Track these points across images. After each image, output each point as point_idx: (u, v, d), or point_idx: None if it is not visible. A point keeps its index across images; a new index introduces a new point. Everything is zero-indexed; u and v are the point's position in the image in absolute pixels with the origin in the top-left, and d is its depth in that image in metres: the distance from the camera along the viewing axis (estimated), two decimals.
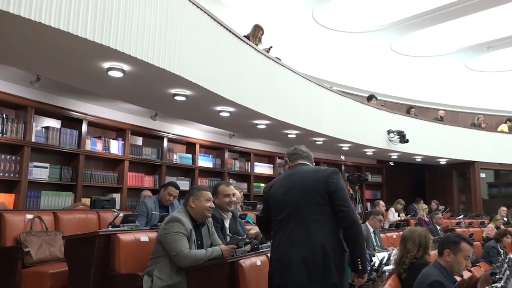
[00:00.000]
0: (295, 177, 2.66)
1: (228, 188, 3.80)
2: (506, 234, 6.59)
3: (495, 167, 11.37)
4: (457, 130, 10.74)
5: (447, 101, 12.93)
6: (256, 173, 9.12)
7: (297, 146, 2.89)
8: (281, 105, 6.35)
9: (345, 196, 2.49)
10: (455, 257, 2.82)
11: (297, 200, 2.53)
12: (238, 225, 4.13)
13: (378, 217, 5.62)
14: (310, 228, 2.44)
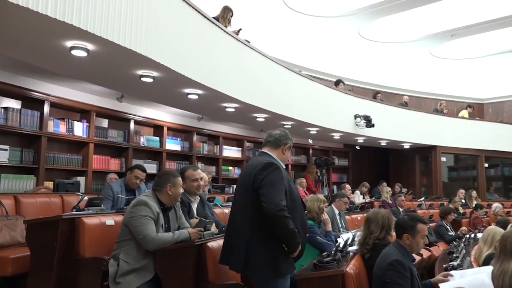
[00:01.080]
0: (244, 169, 2.97)
1: (195, 172, 3.78)
2: (450, 212, 6.95)
3: (455, 151, 11.81)
4: (421, 115, 11.05)
5: (412, 87, 13.26)
6: (224, 157, 9.12)
7: (269, 131, 2.99)
8: (250, 89, 6.33)
9: (267, 191, 2.59)
10: (413, 239, 2.93)
11: (237, 193, 2.92)
12: (207, 209, 4.14)
13: (343, 199, 5.76)
14: (237, 220, 2.77)
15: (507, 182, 13.03)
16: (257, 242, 2.61)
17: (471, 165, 12.34)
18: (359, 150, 11.24)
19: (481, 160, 11.94)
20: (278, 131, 2.94)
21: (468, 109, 12.89)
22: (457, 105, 13.66)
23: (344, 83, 10.14)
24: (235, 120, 8.17)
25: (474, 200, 9.79)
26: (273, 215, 2.54)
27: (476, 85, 14.08)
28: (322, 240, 3.87)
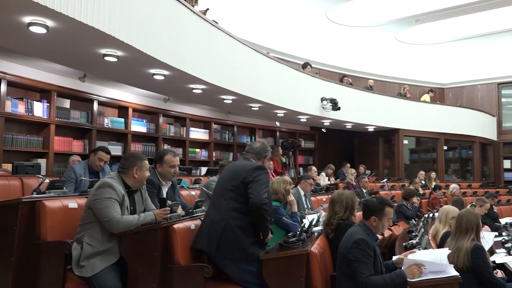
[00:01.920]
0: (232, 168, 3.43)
1: (175, 158, 3.74)
2: (414, 195, 7.23)
3: (416, 134, 12.20)
4: (385, 99, 11.30)
5: (377, 71, 13.51)
6: (191, 139, 9.05)
7: (250, 144, 3.44)
8: (217, 70, 6.27)
9: (257, 187, 3.05)
10: (380, 222, 3.03)
11: (222, 185, 3.26)
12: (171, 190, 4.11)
13: (309, 181, 5.86)
14: (219, 209, 3.16)
15: (464, 164, 13.63)
16: (235, 228, 3.03)
17: (431, 148, 12.79)
18: (325, 132, 11.41)
19: (440, 143, 12.41)
20: (258, 144, 3.36)
21: (430, 93, 13.29)
22: (419, 90, 14.05)
23: (311, 66, 10.20)
24: (202, 102, 8.10)
25: (433, 181, 10.19)
26: (258, 206, 3.00)
27: (437, 70, 14.53)
28: (288, 221, 3.93)
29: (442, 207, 4.77)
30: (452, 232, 3.72)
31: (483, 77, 14.04)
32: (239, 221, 3.06)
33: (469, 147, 13.18)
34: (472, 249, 3.35)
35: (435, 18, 11.17)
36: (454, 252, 3.41)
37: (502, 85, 13.92)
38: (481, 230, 3.69)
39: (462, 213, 3.68)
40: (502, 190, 11.48)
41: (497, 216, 7.56)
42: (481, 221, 3.69)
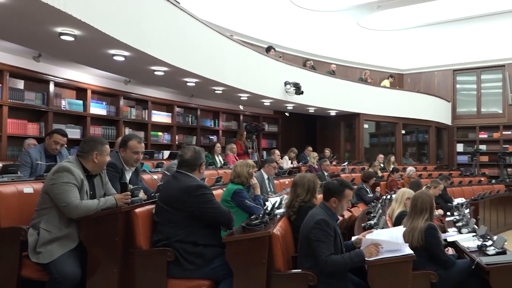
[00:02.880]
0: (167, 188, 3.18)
1: (139, 145, 3.64)
2: (372, 176, 7.48)
3: (376, 119, 12.53)
4: (347, 84, 11.49)
5: (339, 56, 13.68)
6: (153, 122, 8.89)
7: (180, 153, 3.22)
8: (180, 52, 6.15)
9: (215, 210, 3.01)
10: (340, 203, 3.12)
11: (162, 209, 3.07)
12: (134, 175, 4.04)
13: (272, 164, 5.90)
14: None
15: (421, 147, 14.17)
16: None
17: (390, 132, 13.20)
18: (288, 116, 11.50)
19: (399, 127, 12.81)
20: (189, 154, 3.11)
21: (389, 79, 13.64)
22: (380, 75, 14.38)
23: (275, 49, 10.20)
24: (165, 84, 7.95)
25: (391, 164, 10.54)
26: (229, 225, 3.09)
27: (397, 56, 14.89)
28: (251, 204, 3.97)
29: (400, 189, 4.96)
30: (408, 213, 3.88)
31: (439, 64, 14.54)
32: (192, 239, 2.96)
33: (425, 131, 13.69)
34: (426, 229, 3.51)
35: (396, 5, 11.40)
36: (409, 231, 3.57)
37: (457, 71, 14.48)
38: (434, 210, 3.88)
39: (417, 194, 3.84)
40: (455, 173, 12.07)
41: (450, 197, 7.95)
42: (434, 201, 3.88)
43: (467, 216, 5.25)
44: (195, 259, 2.89)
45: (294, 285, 2.89)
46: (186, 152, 3.14)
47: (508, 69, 13.48)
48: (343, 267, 2.88)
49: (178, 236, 2.90)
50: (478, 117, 14.06)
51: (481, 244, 3.61)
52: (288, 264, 3.11)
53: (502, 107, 13.66)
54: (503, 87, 13.64)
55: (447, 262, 3.46)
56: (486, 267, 3.16)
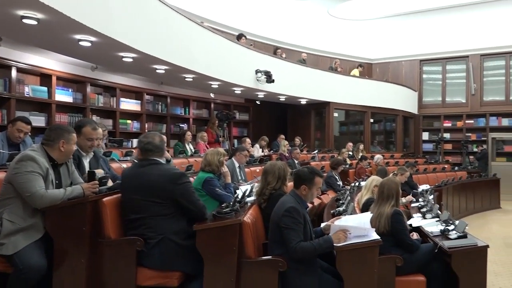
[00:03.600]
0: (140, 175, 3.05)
1: (94, 132, 3.51)
2: (341, 164, 7.62)
3: (346, 107, 12.71)
4: (317, 72, 11.59)
5: (310, 45, 13.75)
6: (122, 109, 8.70)
7: (145, 139, 3.08)
8: (149, 38, 6.02)
9: (192, 200, 3.01)
10: (310, 191, 3.16)
11: (137, 198, 3.01)
12: (102, 163, 3.95)
13: (243, 152, 5.92)
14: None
15: (388, 136, 14.51)
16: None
17: (359, 120, 13.43)
18: (259, 105, 11.51)
19: (367, 116, 13.06)
20: (157, 138, 3.07)
21: (359, 68, 13.84)
22: (349, 64, 14.56)
23: (246, 37, 10.14)
24: (133, 71, 7.79)
25: (360, 152, 10.76)
26: (203, 218, 3.02)
27: (366, 46, 15.11)
28: (221, 192, 3.97)
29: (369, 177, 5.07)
30: (375, 199, 3.99)
31: (407, 54, 14.86)
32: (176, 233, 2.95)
33: (393, 120, 14.02)
34: (392, 214, 3.62)
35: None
36: (376, 217, 3.67)
37: (423, 62, 14.84)
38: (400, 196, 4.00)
39: (384, 181, 3.94)
40: (421, 160, 12.45)
41: (416, 184, 8.20)
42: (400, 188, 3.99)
43: (431, 202, 5.43)
44: (189, 253, 2.88)
45: (265, 271, 2.93)
46: (154, 137, 3.08)
47: (471, 60, 13.93)
48: (313, 253, 2.94)
49: (172, 228, 2.90)
50: (443, 107, 14.50)
51: (443, 228, 3.74)
52: (258, 251, 3.14)
53: (466, 97, 14.14)
54: (466, 78, 14.09)
55: (411, 246, 3.58)
56: (448, 251, 3.29)
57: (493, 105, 13.69)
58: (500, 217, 9.61)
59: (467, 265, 3.27)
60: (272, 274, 2.90)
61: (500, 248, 6.49)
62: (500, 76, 13.73)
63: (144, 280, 2.89)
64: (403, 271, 3.38)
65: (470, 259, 3.29)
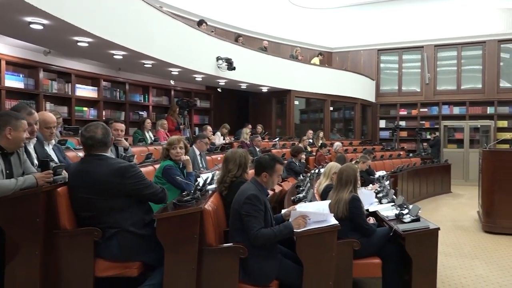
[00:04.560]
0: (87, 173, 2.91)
1: (30, 117, 3.18)
2: (301, 151, 7.75)
3: (306, 95, 12.88)
4: (278, 60, 11.63)
5: (271, 33, 13.75)
6: (78, 96, 8.40)
7: (88, 133, 2.91)
8: (106, 23, 5.82)
9: (148, 189, 2.96)
10: (270, 178, 3.19)
11: (87, 195, 2.91)
12: (57, 152, 3.81)
13: (204, 140, 5.88)
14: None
15: (347, 123, 14.86)
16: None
17: (319, 108, 13.65)
18: (220, 92, 11.44)
19: (327, 104, 13.29)
20: (99, 131, 2.91)
21: (319, 56, 14.01)
22: (310, 52, 14.70)
23: (206, 24, 10.00)
24: (90, 57, 7.52)
25: (320, 140, 10.95)
26: (164, 200, 3.05)
27: (327, 35, 15.29)
28: (182, 180, 3.92)
29: (329, 164, 5.17)
30: (334, 185, 4.08)
31: (365, 43, 15.18)
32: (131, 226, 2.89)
33: (352, 108, 14.34)
34: (350, 200, 3.73)
35: None
36: (335, 203, 3.77)
37: (381, 51, 15.22)
38: (358, 182, 4.12)
39: (342, 168, 4.04)
40: (378, 147, 12.85)
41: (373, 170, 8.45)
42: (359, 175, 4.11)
43: (387, 188, 5.63)
44: (148, 242, 2.85)
45: (226, 258, 2.94)
46: (95, 130, 2.91)
47: (426, 51, 14.43)
48: (273, 239, 2.98)
49: (128, 221, 2.84)
50: (399, 95, 14.98)
51: (398, 213, 3.90)
52: (219, 238, 3.14)
53: (420, 86, 14.67)
54: (421, 67, 14.60)
55: (368, 230, 3.70)
56: (402, 234, 3.43)
57: (446, 94, 14.29)
58: (451, 201, 10.11)
59: (420, 247, 3.42)
60: (233, 261, 2.92)
61: (450, 230, 6.84)
62: (452, 66, 14.32)
63: (102, 271, 2.84)
64: (360, 254, 3.50)
65: (422, 241, 3.44)
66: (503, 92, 13.55)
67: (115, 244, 2.81)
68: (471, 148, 13.07)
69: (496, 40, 13.55)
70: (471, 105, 13.77)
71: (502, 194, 6.56)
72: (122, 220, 2.84)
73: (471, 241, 6.19)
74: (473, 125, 13.49)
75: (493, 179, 6.73)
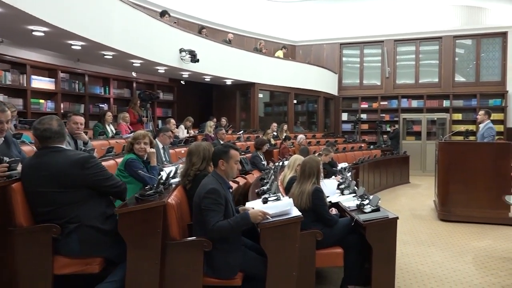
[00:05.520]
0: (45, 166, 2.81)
1: (1, 114, 3.15)
2: (265, 143, 7.82)
3: (270, 88, 12.94)
4: (242, 53, 11.60)
5: (235, 25, 13.68)
6: (34, 88, 8.06)
7: (42, 126, 2.83)
8: (63, 11, 5.60)
9: (108, 179, 2.93)
10: (228, 165, 3.17)
11: (44, 187, 2.82)
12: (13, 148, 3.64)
13: (167, 133, 5.80)
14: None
15: (310, 116, 15.06)
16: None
17: (283, 101, 13.76)
18: (184, 85, 11.30)
19: (291, 97, 13.41)
20: (55, 123, 2.84)
21: (283, 50, 14.08)
22: (274, 46, 14.75)
23: (169, 15, 9.82)
24: (46, 47, 7.23)
25: (284, 133, 11.05)
26: (123, 194, 3.01)
27: (290, 28, 15.40)
28: (144, 174, 3.86)
29: (292, 156, 5.23)
30: (297, 177, 4.13)
31: (328, 37, 15.40)
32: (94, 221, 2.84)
33: (315, 101, 14.55)
34: (312, 192, 3.79)
35: None
36: (298, 194, 3.82)
37: (343, 45, 15.49)
38: (321, 174, 4.19)
39: (305, 160, 4.10)
40: (340, 140, 13.12)
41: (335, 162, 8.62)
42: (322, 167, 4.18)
43: (349, 179, 5.75)
44: (110, 237, 2.80)
45: (190, 252, 2.93)
46: (50, 122, 2.83)
47: (386, 45, 14.81)
48: (230, 232, 2.94)
49: (89, 214, 2.77)
50: (360, 88, 15.32)
51: (359, 203, 4.00)
52: (183, 232, 3.12)
53: (381, 79, 15.06)
54: (381, 62, 14.98)
55: (330, 221, 3.79)
56: (363, 224, 3.53)
57: (405, 88, 14.75)
58: (409, 191, 10.48)
59: (379, 235, 3.53)
60: (197, 255, 2.91)
61: (408, 219, 7.10)
62: (411, 61, 14.78)
63: (61, 268, 2.76)
64: (323, 244, 3.58)
65: (382, 231, 3.55)
66: (458, 86, 14.13)
67: (75, 240, 2.73)
68: (428, 140, 13.57)
69: (451, 36, 14.09)
70: (428, 98, 14.28)
71: (456, 184, 6.88)
72: (82, 214, 2.76)
73: (428, 229, 6.46)
74: (430, 118, 14.00)
75: (448, 169, 7.03)
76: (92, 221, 2.78)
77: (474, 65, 14.01)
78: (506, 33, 13.47)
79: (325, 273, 4.37)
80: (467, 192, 6.77)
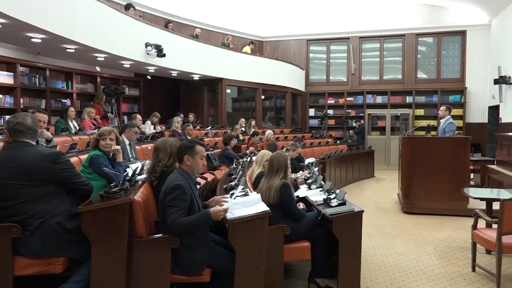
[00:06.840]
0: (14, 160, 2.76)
1: None
2: (232, 138, 7.83)
3: (238, 84, 12.92)
4: (210, 48, 11.51)
5: (203, 20, 13.55)
6: None
7: (15, 120, 2.81)
8: (22, 2, 5.38)
9: (77, 177, 2.94)
10: (193, 160, 3.14)
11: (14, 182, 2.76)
12: None
13: (133, 129, 5.68)
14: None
15: (278, 112, 15.14)
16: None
17: (251, 97, 13.77)
18: (150, 79, 11.10)
19: (259, 93, 13.44)
20: (29, 119, 2.83)
21: (250, 45, 14.08)
22: (241, 41, 14.72)
23: (134, 8, 9.62)
24: (3, 40, 6.93)
25: (252, 128, 11.07)
26: (90, 192, 3.00)
27: (258, 24, 15.40)
28: (109, 171, 3.77)
29: (260, 151, 5.25)
30: (265, 173, 4.15)
31: (295, 33, 15.51)
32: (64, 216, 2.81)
33: (283, 96, 14.63)
34: (280, 187, 3.82)
35: None
36: (267, 190, 3.84)
37: (310, 41, 15.64)
38: (289, 169, 4.22)
39: (273, 155, 4.12)
40: (307, 135, 13.27)
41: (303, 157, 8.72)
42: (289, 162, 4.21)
43: (316, 174, 5.83)
44: (73, 236, 2.74)
45: (157, 249, 2.89)
46: (25, 118, 2.82)
47: (352, 42, 15.07)
48: (189, 228, 2.89)
49: (53, 210, 2.72)
50: (327, 84, 15.53)
51: (326, 197, 4.06)
52: (150, 229, 3.08)
53: (347, 76, 15.31)
54: (347, 58, 15.23)
55: (298, 215, 3.83)
56: (329, 217, 3.59)
57: (370, 84, 15.07)
58: (374, 184, 10.75)
59: (346, 229, 3.60)
60: (165, 252, 2.88)
61: (373, 212, 7.29)
62: (375, 58, 15.11)
63: (22, 269, 2.67)
64: (291, 238, 3.62)
65: (348, 224, 3.62)
66: (420, 83, 14.57)
67: (37, 239, 2.65)
68: (392, 135, 13.94)
69: (414, 34, 14.49)
70: (392, 94, 14.65)
71: (419, 177, 7.11)
72: (46, 210, 2.69)
73: (392, 221, 6.65)
74: (394, 113, 14.38)
75: (411, 163, 7.26)
76: (56, 218, 2.71)
77: (435, 62, 14.48)
78: (465, 31, 13.98)
79: (293, 266, 4.42)
80: (429, 185, 7.01)
